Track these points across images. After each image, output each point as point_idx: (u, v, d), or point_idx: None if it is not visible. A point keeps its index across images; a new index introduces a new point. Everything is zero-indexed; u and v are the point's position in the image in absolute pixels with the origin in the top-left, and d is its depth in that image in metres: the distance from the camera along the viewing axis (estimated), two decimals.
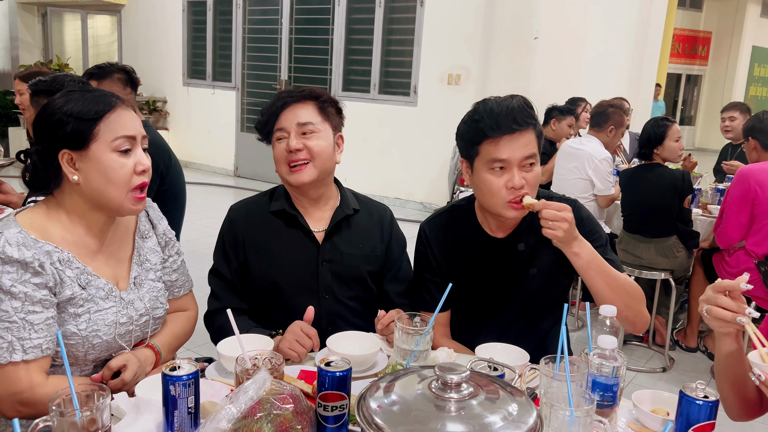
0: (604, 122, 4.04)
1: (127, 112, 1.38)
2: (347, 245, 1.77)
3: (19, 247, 1.26)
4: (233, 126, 8.82)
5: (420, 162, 7.11)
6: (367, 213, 1.85)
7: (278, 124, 1.70)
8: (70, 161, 1.33)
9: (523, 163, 1.57)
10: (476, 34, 6.60)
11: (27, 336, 1.26)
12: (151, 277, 1.52)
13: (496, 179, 1.58)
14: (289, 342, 1.54)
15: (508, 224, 1.71)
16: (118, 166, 1.34)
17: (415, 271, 1.83)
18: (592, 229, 1.70)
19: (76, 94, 1.35)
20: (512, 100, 1.60)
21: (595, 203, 3.96)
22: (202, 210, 6.39)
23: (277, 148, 1.72)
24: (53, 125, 1.32)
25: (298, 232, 1.75)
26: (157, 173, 2.76)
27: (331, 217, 1.77)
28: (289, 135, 1.69)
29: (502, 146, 1.56)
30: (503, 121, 1.55)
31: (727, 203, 3.33)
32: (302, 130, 1.69)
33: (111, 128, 1.33)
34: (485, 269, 1.73)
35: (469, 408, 0.97)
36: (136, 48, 9.75)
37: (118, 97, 1.39)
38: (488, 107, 1.60)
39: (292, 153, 1.68)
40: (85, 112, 1.32)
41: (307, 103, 1.71)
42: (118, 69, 2.80)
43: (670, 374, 3.50)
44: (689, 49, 15.28)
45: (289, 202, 1.77)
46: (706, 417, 1.11)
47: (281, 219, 1.76)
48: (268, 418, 1.10)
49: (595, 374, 1.24)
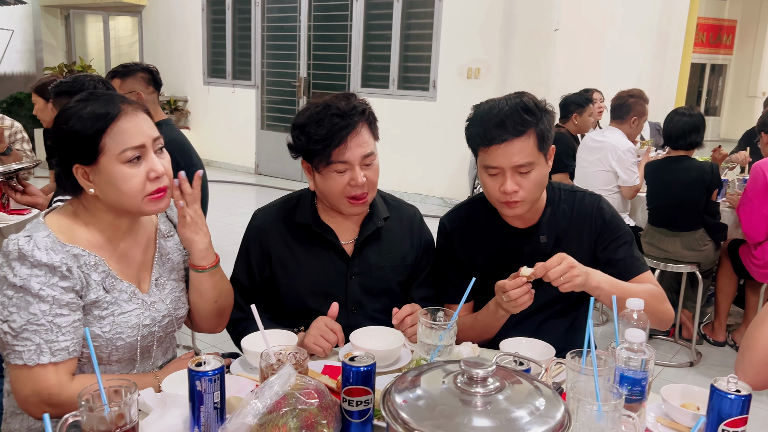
0: (626, 113, 3.98)
1: (133, 119, 1.33)
2: (377, 257, 1.73)
3: (47, 251, 1.28)
4: (253, 124, 8.87)
5: (440, 157, 7.08)
6: (397, 219, 1.79)
7: (340, 155, 1.56)
8: (84, 175, 1.33)
9: (516, 169, 1.55)
10: (495, 27, 6.54)
11: (54, 339, 1.27)
12: (173, 277, 1.53)
13: (491, 182, 1.59)
14: (314, 337, 1.54)
15: (527, 216, 1.69)
16: (129, 177, 1.32)
17: (438, 265, 1.82)
18: (617, 226, 1.69)
19: (81, 104, 1.32)
20: (506, 104, 1.54)
21: (619, 195, 3.91)
22: (225, 208, 6.43)
23: (336, 180, 1.59)
24: (63, 140, 1.32)
25: (325, 245, 1.71)
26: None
27: (360, 228, 1.72)
28: (353, 168, 1.58)
29: (492, 155, 1.55)
30: (492, 131, 1.52)
31: (747, 199, 3.29)
32: (365, 162, 1.60)
33: (117, 140, 1.30)
34: (507, 261, 1.72)
35: (495, 402, 0.96)
36: (157, 48, 9.84)
37: (124, 100, 1.36)
38: (479, 115, 1.57)
39: (356, 188, 1.59)
40: (88, 128, 1.29)
41: (363, 125, 1.59)
42: (141, 68, 2.82)
43: (698, 369, 3.44)
44: (713, 38, 15.00)
45: (315, 215, 1.71)
46: (738, 411, 1.09)
47: (307, 231, 1.71)
48: (294, 412, 1.10)
49: (622, 368, 1.22)
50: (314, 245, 1.71)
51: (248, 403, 1.07)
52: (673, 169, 3.46)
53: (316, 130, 1.56)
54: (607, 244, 1.69)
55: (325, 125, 1.55)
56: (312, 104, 1.62)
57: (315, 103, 1.61)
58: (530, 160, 1.54)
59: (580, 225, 1.70)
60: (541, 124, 1.55)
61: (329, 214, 1.72)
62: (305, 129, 1.58)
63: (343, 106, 1.58)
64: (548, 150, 1.60)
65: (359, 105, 1.61)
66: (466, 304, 1.74)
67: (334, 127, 1.55)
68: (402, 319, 1.59)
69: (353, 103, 1.60)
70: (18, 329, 1.26)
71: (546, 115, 1.58)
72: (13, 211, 2.80)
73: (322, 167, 1.59)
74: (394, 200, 1.85)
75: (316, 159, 1.59)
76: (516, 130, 1.52)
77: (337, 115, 1.56)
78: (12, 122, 3.56)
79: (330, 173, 1.59)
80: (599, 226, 1.69)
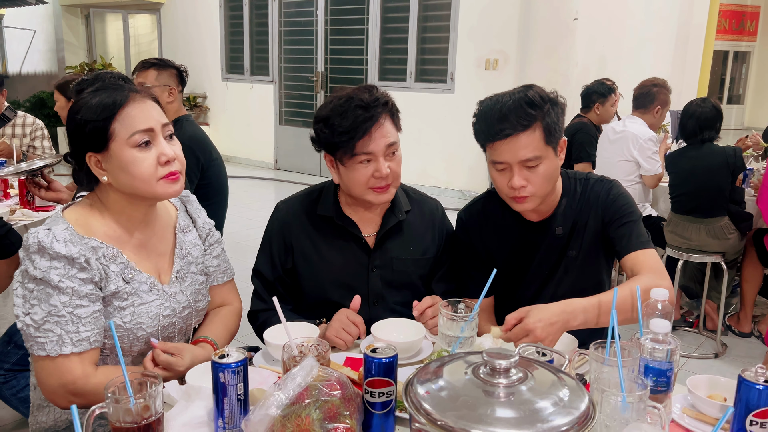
0: (649, 102, 3.92)
1: (142, 104, 1.35)
2: (399, 250, 1.73)
3: (66, 243, 1.29)
4: (272, 119, 8.90)
5: (458, 149, 7.05)
6: (419, 212, 1.79)
7: (364, 147, 1.57)
8: (97, 163, 1.35)
9: (523, 164, 1.53)
10: (513, 18, 6.48)
11: (75, 329, 1.29)
12: (193, 270, 1.54)
13: (500, 177, 1.58)
14: (336, 330, 1.55)
15: (542, 209, 1.67)
16: (139, 161, 1.33)
17: (456, 259, 1.81)
18: (622, 205, 1.65)
19: (91, 94, 1.34)
20: (510, 99, 1.52)
21: (641, 185, 3.86)
22: (244, 203, 6.47)
23: (360, 172, 1.59)
24: (75, 130, 1.34)
25: (347, 237, 1.71)
26: (198, 167, 2.81)
27: (382, 221, 1.73)
28: (377, 159, 1.59)
29: (498, 150, 1.54)
30: (496, 126, 1.51)
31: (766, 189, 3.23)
32: (389, 151, 1.61)
33: (125, 125, 1.32)
34: (524, 254, 1.71)
35: (518, 393, 0.95)
36: (176, 45, 9.92)
37: (132, 87, 1.37)
38: (483, 111, 1.56)
39: (380, 179, 1.60)
40: (99, 112, 1.31)
41: (386, 116, 1.59)
42: (174, 66, 2.88)
43: (723, 360, 3.40)
44: (736, 25, 14.71)
45: (338, 207, 1.72)
46: (766, 402, 1.07)
47: (330, 223, 1.71)
48: (317, 404, 1.10)
49: (647, 359, 1.21)
50: (337, 238, 1.71)
51: (271, 394, 1.07)
52: (696, 156, 3.42)
53: (340, 122, 1.56)
54: (611, 222, 1.65)
55: (349, 117, 1.55)
56: (335, 97, 1.62)
57: (338, 96, 1.62)
58: (537, 154, 1.52)
59: (589, 210, 1.68)
60: (548, 117, 1.52)
61: (352, 206, 1.72)
62: (329, 121, 1.58)
63: (367, 98, 1.58)
64: (557, 143, 1.57)
65: (382, 97, 1.61)
66: (487, 299, 1.74)
67: (358, 119, 1.55)
68: (423, 310, 1.59)
69: (376, 95, 1.60)
70: (39, 321, 1.28)
71: (554, 107, 1.55)
72: (38, 207, 2.84)
73: (347, 159, 1.59)
74: (416, 193, 1.85)
75: (340, 151, 1.59)
76: (520, 124, 1.50)
77: (360, 107, 1.56)
78: (33, 119, 3.62)
79: (354, 165, 1.59)
80: (605, 206, 1.66)
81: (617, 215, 1.64)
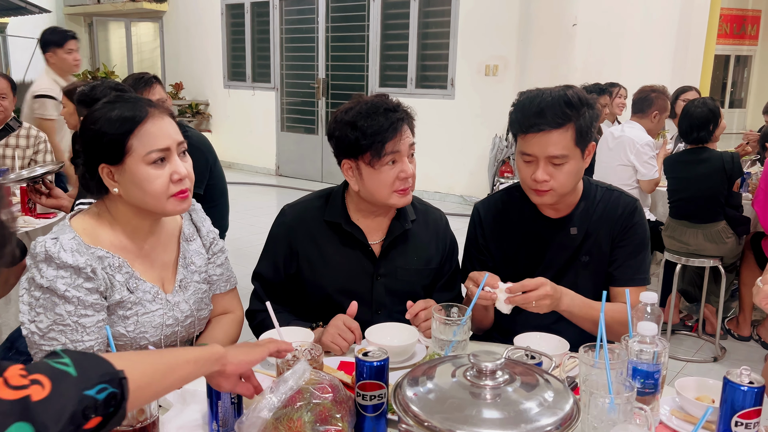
0: (647, 107, 3.95)
1: (160, 121, 1.36)
2: (403, 259, 1.75)
3: (72, 252, 1.31)
4: (274, 126, 8.94)
5: (459, 155, 7.07)
6: (424, 222, 1.81)
7: (395, 146, 1.60)
8: (110, 174, 1.36)
9: (550, 159, 1.57)
10: (513, 23, 6.51)
11: (79, 338, 1.31)
12: (196, 279, 1.55)
13: (525, 168, 1.62)
14: (332, 335, 1.56)
15: (560, 207, 1.71)
16: (153, 178, 1.35)
17: (466, 249, 1.85)
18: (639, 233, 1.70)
19: (109, 106, 1.35)
20: (550, 95, 1.57)
21: (638, 190, 3.88)
22: (247, 209, 6.50)
23: (387, 173, 1.62)
24: (90, 140, 1.35)
25: (354, 245, 1.72)
26: (207, 168, 2.88)
27: (388, 229, 1.74)
28: (402, 159, 1.63)
29: (529, 142, 1.58)
30: (531, 119, 1.56)
31: (762, 192, 3.26)
32: (411, 151, 1.66)
33: (143, 142, 1.33)
34: (536, 248, 1.73)
35: (504, 395, 0.97)
36: (178, 53, 9.97)
37: (151, 103, 1.39)
38: (522, 102, 1.61)
39: (405, 180, 1.64)
40: (118, 126, 1.32)
41: (407, 120, 1.66)
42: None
43: (722, 364, 3.40)
44: (737, 29, 14.70)
45: (345, 214, 1.73)
46: (751, 403, 1.08)
47: (336, 229, 1.72)
48: (308, 407, 1.12)
49: (635, 361, 1.22)
50: (342, 245, 1.72)
51: (263, 398, 1.09)
52: (693, 161, 3.43)
53: (371, 123, 1.59)
54: (622, 245, 1.70)
55: (379, 119, 1.60)
56: (356, 103, 1.65)
57: (359, 102, 1.65)
58: (565, 153, 1.57)
59: (608, 222, 1.71)
60: (582, 119, 1.57)
61: (360, 213, 1.73)
62: (356, 125, 1.61)
63: (391, 102, 1.66)
64: (587, 146, 1.61)
65: (400, 103, 1.69)
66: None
67: (388, 120, 1.60)
68: (416, 313, 1.61)
69: (396, 101, 1.68)
70: (45, 329, 1.30)
71: (590, 110, 1.59)
72: (39, 215, 2.87)
73: (375, 161, 1.61)
74: (420, 203, 1.86)
75: (368, 153, 1.61)
76: (555, 122, 1.54)
77: (388, 109, 1.62)
78: (38, 132, 3.64)
79: (382, 166, 1.61)
80: (624, 227, 1.70)
81: (632, 242, 1.69)
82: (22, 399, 0.72)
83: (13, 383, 0.73)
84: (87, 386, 0.78)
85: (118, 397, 0.82)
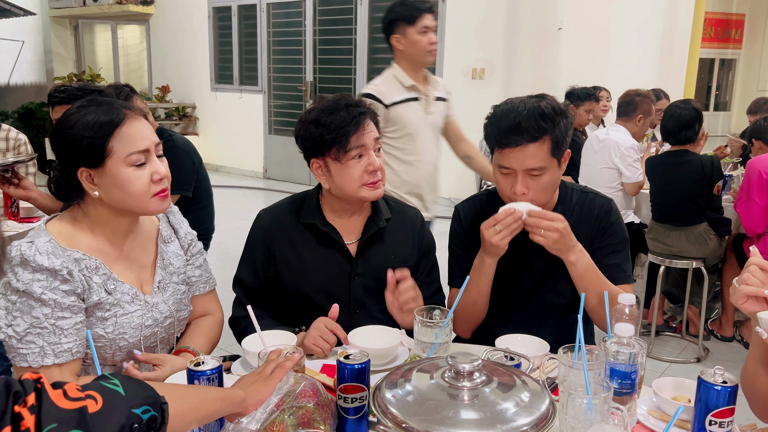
0: (632, 111, 3.98)
1: (137, 123, 1.38)
2: (379, 258, 1.75)
3: (48, 255, 1.31)
4: (261, 129, 8.93)
5: (446, 158, 7.06)
6: (400, 221, 1.82)
7: (359, 140, 1.63)
8: (89, 177, 1.36)
9: (528, 172, 1.59)
10: (499, 27, 6.55)
11: (57, 341, 1.31)
12: (174, 280, 1.56)
13: (503, 181, 1.64)
14: (314, 338, 1.57)
15: None
16: (135, 179, 1.35)
17: (449, 248, 1.86)
18: (617, 232, 1.72)
19: (85, 110, 1.35)
20: (524, 108, 1.57)
21: (622, 192, 3.91)
22: (234, 212, 6.49)
23: (354, 168, 1.64)
24: (68, 144, 1.35)
25: (330, 245, 1.73)
26: (194, 170, 2.88)
27: (363, 229, 1.76)
28: (369, 152, 1.65)
29: (506, 156, 1.59)
30: (507, 134, 1.57)
31: (744, 194, 3.32)
32: (377, 145, 1.68)
33: (123, 144, 1.34)
34: (515, 254, 1.74)
35: (481, 396, 0.98)
36: (165, 56, 9.94)
37: (125, 105, 1.40)
38: (497, 116, 1.62)
39: (373, 173, 1.65)
40: (96, 130, 1.33)
41: (370, 114, 1.68)
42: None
43: (705, 365, 3.43)
44: (722, 33, 14.89)
45: (321, 215, 1.74)
46: (725, 402, 1.10)
47: (312, 231, 1.74)
48: (290, 411, 1.13)
49: (612, 362, 1.24)
50: (319, 245, 1.73)
51: None
52: (673, 164, 3.47)
53: (333, 119, 1.62)
54: (603, 246, 1.71)
55: (341, 114, 1.62)
56: (319, 102, 1.69)
57: (323, 99, 1.69)
58: (543, 165, 1.58)
59: (586, 224, 1.72)
60: (557, 129, 1.58)
61: (335, 213, 1.75)
62: (320, 121, 1.63)
63: (352, 99, 1.68)
64: (562, 155, 1.63)
65: (362, 99, 1.71)
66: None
67: (350, 114, 1.62)
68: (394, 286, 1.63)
69: (358, 98, 1.71)
70: (22, 333, 1.29)
71: (564, 120, 1.60)
72: (22, 219, 2.85)
73: (341, 156, 1.63)
74: (395, 202, 1.88)
75: (333, 149, 1.63)
76: (531, 135, 1.55)
77: (350, 105, 1.64)
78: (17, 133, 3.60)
79: (348, 161, 1.63)
80: (602, 228, 1.72)
81: (612, 241, 1.71)
82: (80, 409, 0.81)
83: (71, 395, 0.82)
84: (134, 405, 0.87)
85: (158, 421, 0.90)
